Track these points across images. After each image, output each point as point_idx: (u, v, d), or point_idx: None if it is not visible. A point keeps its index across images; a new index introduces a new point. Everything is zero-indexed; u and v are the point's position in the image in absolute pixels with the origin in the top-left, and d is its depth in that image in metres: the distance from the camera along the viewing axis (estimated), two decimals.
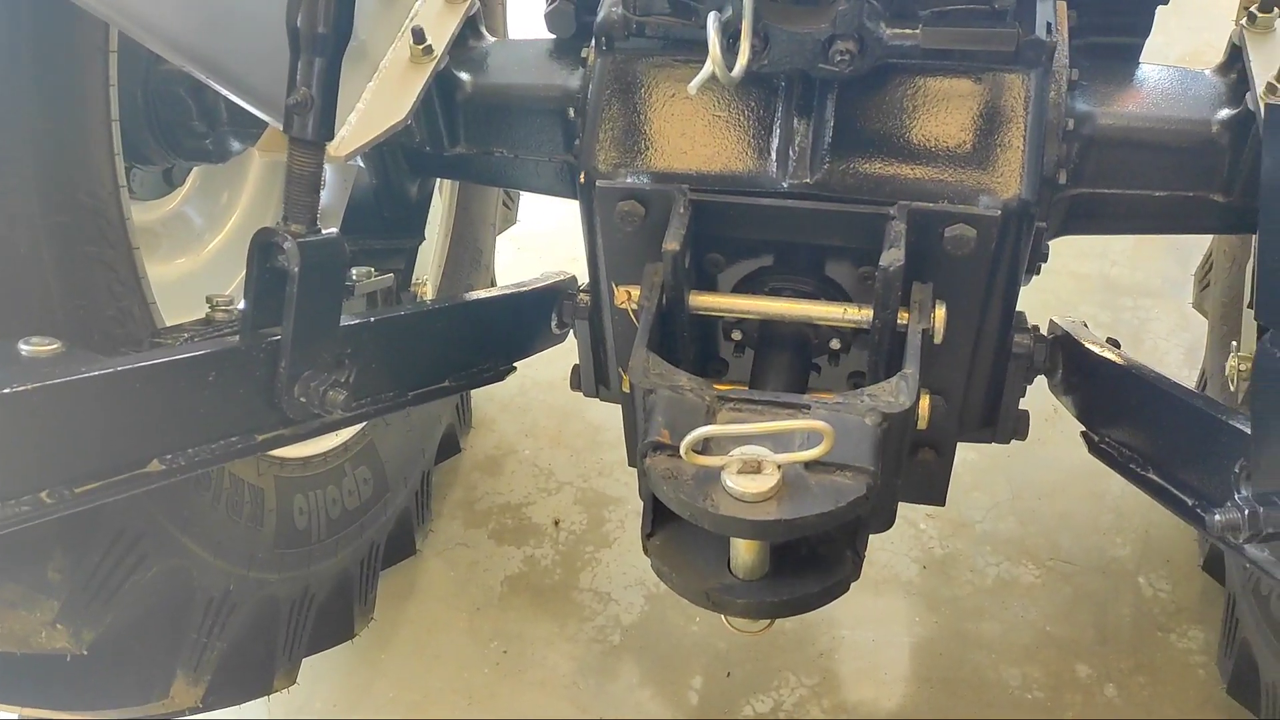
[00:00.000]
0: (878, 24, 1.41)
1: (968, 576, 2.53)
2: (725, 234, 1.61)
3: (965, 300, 1.57)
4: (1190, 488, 1.39)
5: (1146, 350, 2.98)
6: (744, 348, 1.73)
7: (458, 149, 1.94)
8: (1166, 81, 1.76)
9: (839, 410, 1.38)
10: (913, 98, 1.55)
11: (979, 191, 1.51)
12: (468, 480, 2.86)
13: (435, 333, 1.74)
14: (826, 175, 1.55)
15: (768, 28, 1.41)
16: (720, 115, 1.61)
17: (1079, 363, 1.74)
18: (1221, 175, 1.69)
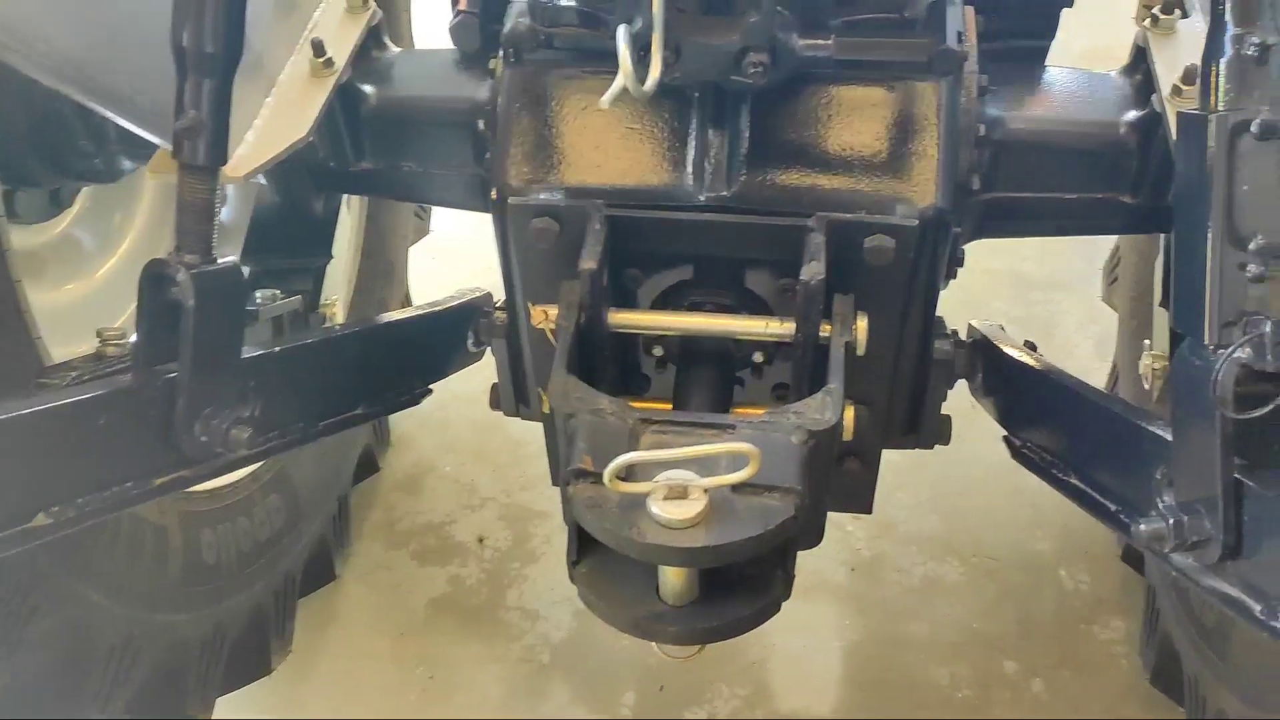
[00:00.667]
0: (790, 35, 1.38)
1: (895, 577, 2.54)
2: (643, 249, 1.58)
3: (886, 310, 1.56)
4: (1112, 493, 1.40)
5: (1058, 343, 3.03)
6: (666, 363, 1.70)
7: (364, 164, 1.87)
8: (1074, 84, 1.77)
9: (764, 429, 1.35)
10: (827, 107, 1.54)
11: (896, 201, 1.50)
12: (388, 500, 2.78)
13: (346, 358, 1.67)
14: (743, 187, 1.52)
15: (679, 40, 1.38)
16: (634, 128, 1.57)
17: (998, 367, 1.75)
18: (1130, 176, 1.71)
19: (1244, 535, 1.15)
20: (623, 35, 1.32)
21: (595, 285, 1.47)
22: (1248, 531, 1.15)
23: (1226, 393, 1.11)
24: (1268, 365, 1.09)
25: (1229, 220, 1.10)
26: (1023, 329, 3.10)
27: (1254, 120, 1.07)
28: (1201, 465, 1.18)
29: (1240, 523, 1.15)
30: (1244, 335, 1.11)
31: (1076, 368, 2.96)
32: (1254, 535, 1.14)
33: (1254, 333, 1.09)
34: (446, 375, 1.94)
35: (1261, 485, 1.13)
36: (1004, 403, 1.73)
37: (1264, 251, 1.09)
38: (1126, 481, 1.37)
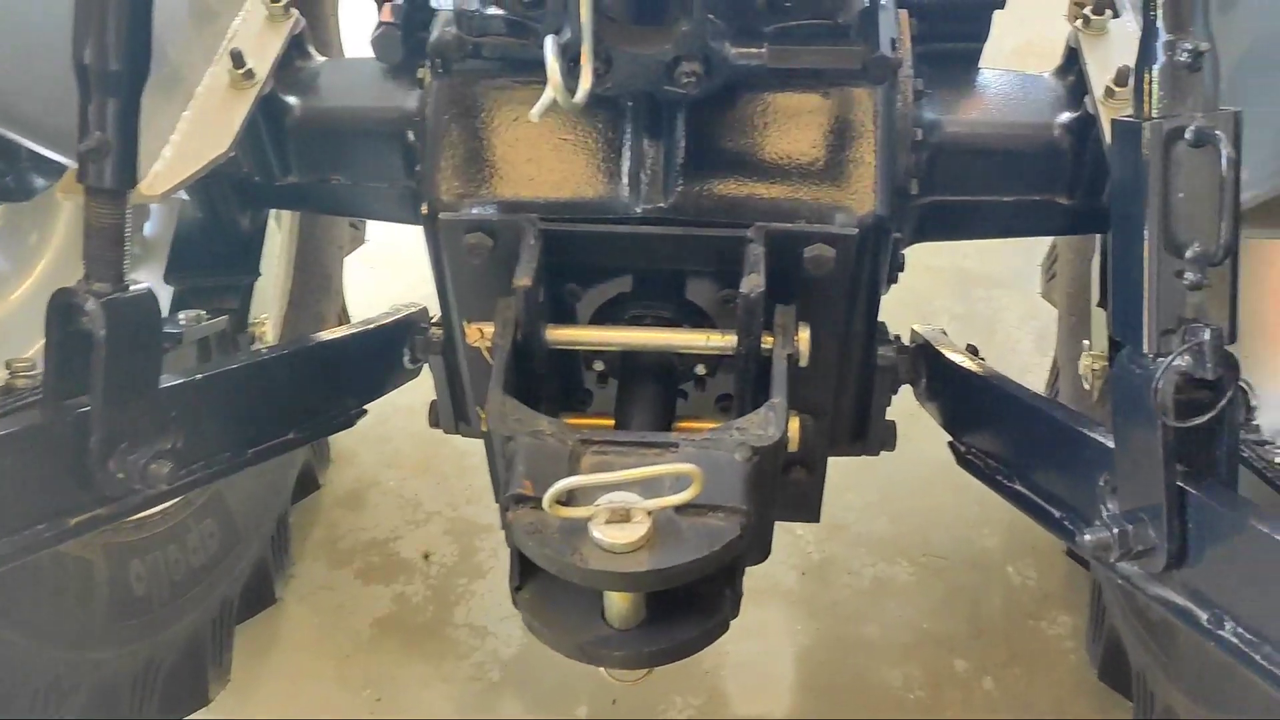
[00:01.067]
0: (722, 43, 1.35)
1: (845, 580, 2.53)
2: (580, 263, 1.54)
3: (828, 319, 1.54)
4: (1057, 500, 1.39)
5: (999, 340, 3.05)
6: (608, 378, 1.67)
7: (290, 178, 1.81)
8: (1008, 86, 1.77)
9: (708, 447, 1.33)
10: (763, 115, 1.51)
11: (835, 209, 1.48)
12: (329, 518, 2.71)
13: (275, 382, 1.61)
14: (680, 198, 1.49)
15: (609, 50, 1.34)
16: (567, 139, 1.53)
17: (940, 371, 1.74)
18: (1065, 178, 1.71)
19: (1188, 543, 1.15)
20: (550, 46, 1.28)
21: (531, 302, 1.44)
22: (1192, 539, 1.14)
23: (1167, 401, 1.11)
24: (1207, 373, 1.09)
25: (1165, 228, 1.09)
26: (965, 326, 3.14)
27: (1188, 127, 1.07)
28: (1144, 473, 1.17)
29: (1185, 531, 1.14)
30: (1183, 343, 1.10)
31: (1018, 364, 3.03)
32: (1198, 543, 1.14)
33: (1193, 341, 1.09)
34: (382, 394, 1.89)
35: (1204, 493, 1.13)
36: (947, 408, 1.72)
37: (1200, 259, 1.08)
38: (1070, 488, 1.36)
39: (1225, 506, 1.10)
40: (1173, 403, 1.10)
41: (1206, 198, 1.07)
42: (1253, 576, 1.08)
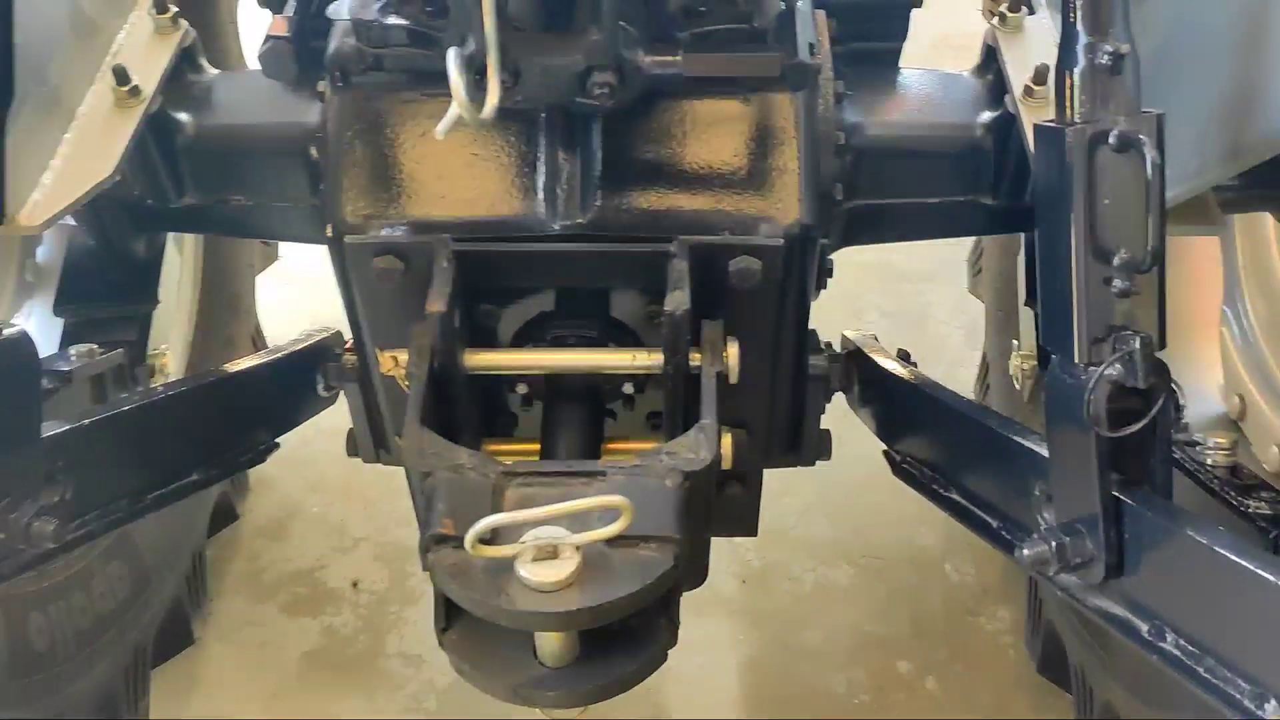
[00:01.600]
0: (636, 52, 1.30)
1: (786, 586, 2.50)
2: (497, 283, 1.48)
3: (758, 332, 1.50)
4: (993, 509, 1.37)
5: (930, 334, 3.05)
6: (532, 400, 1.60)
7: (187, 200, 1.71)
8: (929, 86, 1.75)
9: (637, 475, 1.28)
10: (682, 124, 1.46)
11: (759, 219, 1.43)
12: (250, 549, 2.60)
13: (177, 420, 1.52)
14: (600, 213, 1.44)
15: (517, 61, 1.28)
16: (478, 154, 1.47)
17: (872, 378, 1.71)
18: (989, 178, 1.69)
19: (1125, 554, 1.13)
20: (454, 59, 1.22)
21: (446, 328, 1.37)
22: (1129, 550, 1.12)
23: (1100, 412, 1.08)
24: (1139, 382, 1.06)
25: (1091, 235, 1.07)
26: (894, 322, 3.13)
27: (1111, 132, 1.04)
28: (1079, 483, 1.15)
29: (1121, 542, 1.12)
30: (1114, 352, 1.08)
31: (949, 358, 3.03)
32: (1135, 553, 1.12)
33: (1123, 350, 1.06)
34: (296, 425, 1.80)
35: (1139, 503, 1.11)
36: (880, 416, 1.69)
37: (1128, 265, 1.06)
38: (1006, 498, 1.34)
39: (1161, 516, 1.08)
40: (1106, 413, 1.08)
41: (1132, 203, 1.05)
42: (1190, 587, 1.06)
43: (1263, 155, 1.15)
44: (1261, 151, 1.14)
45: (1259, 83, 1.12)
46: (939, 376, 2.91)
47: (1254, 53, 1.11)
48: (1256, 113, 1.12)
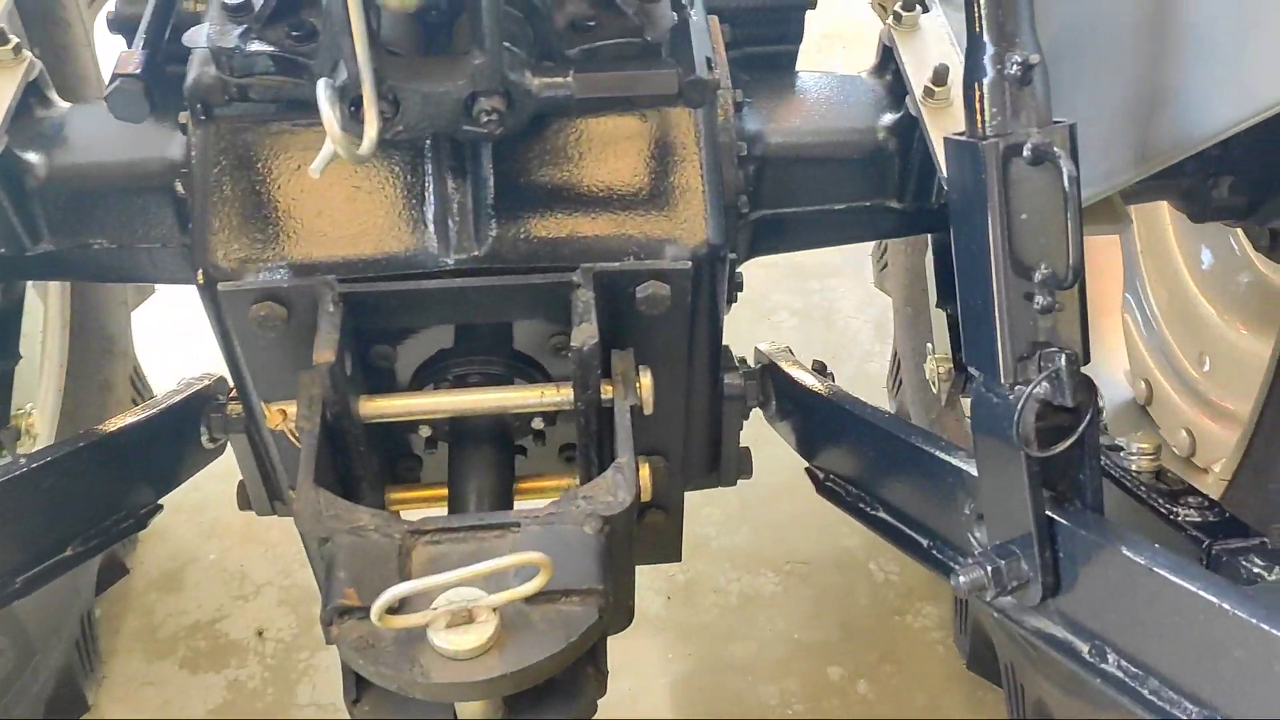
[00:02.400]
0: (524, 74, 1.22)
1: (713, 599, 2.45)
2: (391, 324, 1.38)
3: (670, 358, 1.43)
4: (923, 528, 1.33)
5: (839, 330, 3.03)
6: (437, 441, 1.51)
7: (43, 246, 1.56)
8: (828, 90, 1.70)
9: (553, 522, 1.20)
10: (577, 145, 1.38)
11: (665, 242, 1.37)
12: (143, 603, 2.45)
13: (45, 492, 1.38)
14: (496, 244, 1.35)
15: (395, 89, 1.18)
16: (360, 186, 1.37)
17: (788, 393, 1.66)
18: (894, 181, 1.66)
19: (1061, 574, 1.09)
20: (324, 91, 1.12)
21: (337, 377, 1.27)
22: (1065, 569, 1.09)
23: (1029, 432, 1.05)
24: (1067, 400, 1.03)
25: (1011, 251, 1.03)
26: (802, 320, 3.11)
27: (1025, 144, 1.00)
28: (1010, 503, 1.11)
29: (1057, 561, 1.09)
30: (1039, 371, 1.04)
31: (859, 353, 3.02)
32: (1071, 573, 1.09)
33: (1050, 368, 1.03)
34: (181, 482, 1.68)
35: (1073, 521, 1.08)
36: (799, 431, 1.65)
37: (1050, 281, 1.02)
38: (935, 516, 1.30)
39: (1095, 534, 1.05)
40: (1035, 433, 1.04)
41: (1050, 217, 1.01)
42: (1129, 606, 1.03)
43: (1173, 158, 1.13)
44: (1171, 154, 1.12)
45: (1165, 85, 1.09)
46: (850, 373, 2.94)
47: (1158, 55, 1.09)
48: (1165, 116, 1.10)
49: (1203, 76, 1.03)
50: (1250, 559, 1.03)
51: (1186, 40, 1.04)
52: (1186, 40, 1.04)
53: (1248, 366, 1.78)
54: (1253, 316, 1.75)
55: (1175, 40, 1.06)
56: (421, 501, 1.50)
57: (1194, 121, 1.05)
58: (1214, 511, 1.13)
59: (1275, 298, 1.71)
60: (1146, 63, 1.11)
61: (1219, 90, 1.01)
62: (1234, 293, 1.79)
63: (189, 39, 1.30)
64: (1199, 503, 1.14)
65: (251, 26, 1.25)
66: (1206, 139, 1.04)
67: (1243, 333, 1.77)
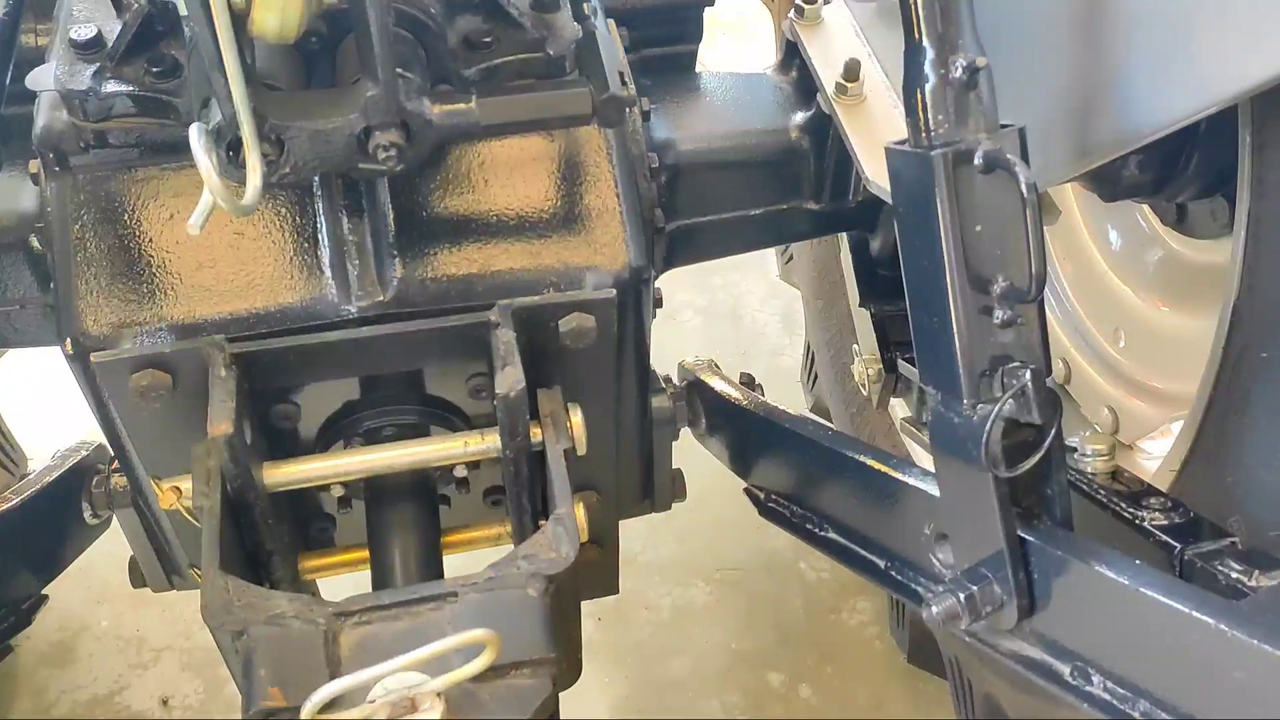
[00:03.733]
0: (421, 102, 1.10)
1: (644, 616, 2.38)
2: (293, 382, 1.26)
3: (599, 390, 1.35)
4: (879, 548, 1.27)
5: (746, 325, 2.98)
6: (351, 500, 1.39)
7: None
8: (735, 90, 1.64)
9: (494, 588, 1.10)
10: (482, 170, 1.28)
11: (585, 269, 1.28)
12: (34, 682, 2.24)
13: None
14: (402, 286, 1.24)
15: (279, 128, 1.06)
16: (244, 233, 1.24)
17: (717, 409, 1.59)
18: (810, 182, 1.60)
19: (1035, 594, 1.05)
20: (198, 137, 0.99)
21: (236, 448, 1.14)
22: (1039, 589, 1.05)
23: (997, 452, 1.00)
24: (1034, 418, 0.98)
25: (966, 265, 0.97)
26: (708, 318, 3.05)
27: (975, 152, 0.94)
28: (978, 524, 1.06)
29: (1031, 582, 1.05)
30: (1003, 388, 0.99)
31: (769, 348, 2.98)
32: (1046, 592, 1.04)
33: (1015, 385, 0.98)
34: (66, 566, 1.51)
35: (1044, 539, 1.03)
36: (733, 450, 1.58)
37: (1009, 295, 0.97)
38: (891, 535, 1.25)
39: (1068, 551, 1.01)
40: (1003, 453, 0.99)
41: (1007, 227, 0.96)
42: (1109, 624, 0.99)
43: (1115, 153, 1.09)
44: (1113, 149, 1.08)
45: (1102, 78, 1.05)
46: (761, 369, 2.89)
47: (1093, 46, 1.05)
48: (1104, 109, 1.06)
49: (1146, 69, 0.99)
50: (1226, 563, 1.00)
51: (1125, 31, 1.00)
52: (1125, 31, 1.00)
53: (1166, 341, 1.79)
54: (1170, 292, 1.75)
55: (1111, 31, 1.02)
56: (341, 567, 1.38)
57: (1138, 116, 1.01)
58: (1178, 512, 1.10)
59: (1189, 272, 1.71)
60: (1081, 54, 1.07)
61: (1165, 83, 0.97)
62: (1147, 269, 1.78)
63: (34, 81, 1.15)
64: (1162, 503, 1.12)
65: (105, 64, 1.11)
66: (1152, 133, 1.00)
67: (1161, 309, 1.77)
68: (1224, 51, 0.90)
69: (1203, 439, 1.22)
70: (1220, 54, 0.91)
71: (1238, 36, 0.89)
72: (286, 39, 0.98)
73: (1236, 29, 0.89)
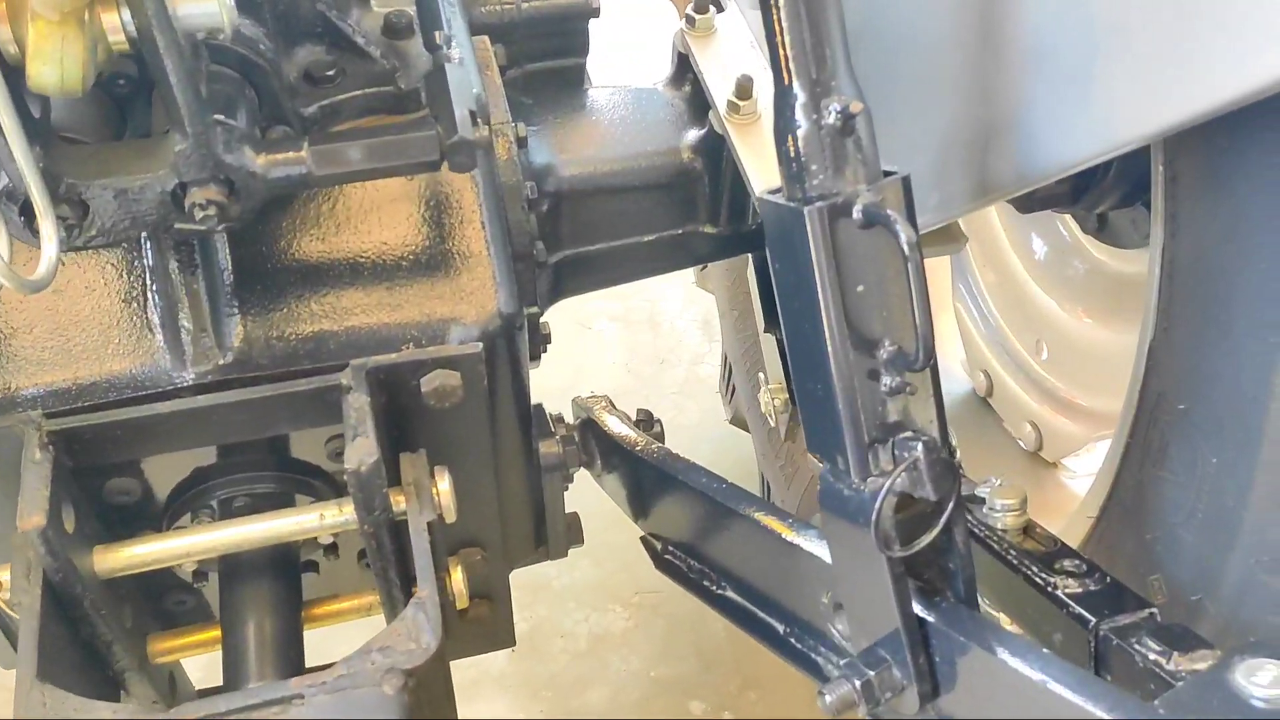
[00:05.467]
0: (242, 152, 0.97)
1: (560, 644, 2.29)
2: (124, 458, 1.13)
3: (472, 448, 1.23)
4: (779, 611, 1.19)
5: (665, 333, 2.89)
6: (207, 573, 1.27)
7: None
8: (622, 108, 1.52)
9: (344, 687, 0.99)
10: (332, 214, 1.16)
11: (449, 322, 1.16)
12: None
13: None
14: (244, 348, 1.12)
15: (79, 188, 0.93)
16: (63, 291, 1.10)
17: (612, 451, 1.49)
18: (706, 205, 1.51)
19: (939, 677, 0.97)
20: None
21: (55, 540, 1.01)
22: (943, 672, 0.97)
23: (889, 530, 0.91)
24: (929, 494, 0.89)
25: (849, 328, 0.87)
26: (625, 327, 2.95)
27: (854, 205, 0.85)
28: (873, 601, 0.98)
29: (933, 664, 0.96)
30: (894, 462, 0.90)
31: (688, 356, 2.89)
32: (950, 675, 0.96)
33: (907, 458, 0.89)
34: None
35: (945, 620, 0.95)
36: (629, 494, 1.49)
37: (898, 359, 0.88)
38: (791, 600, 1.16)
39: (973, 638, 0.93)
40: (896, 531, 0.90)
41: (891, 287, 0.87)
42: (1017, 714, 0.91)
43: (1017, 190, 1.00)
44: (1016, 186, 0.99)
45: (1002, 112, 0.97)
46: (681, 376, 2.81)
47: (992, 79, 0.96)
48: (1005, 144, 0.97)
49: (1049, 106, 0.90)
50: (1143, 641, 0.92)
51: (1026, 65, 0.91)
52: (1026, 65, 0.91)
53: (1089, 355, 1.73)
54: (1093, 304, 1.69)
55: (1011, 64, 0.93)
56: (196, 648, 1.25)
57: (1042, 153, 0.92)
58: (1094, 578, 1.02)
59: (1111, 282, 1.65)
60: (979, 87, 0.98)
61: (1072, 122, 0.88)
62: (1071, 280, 1.72)
63: None
64: (1076, 567, 1.04)
65: None
66: (1057, 172, 0.92)
67: (1085, 320, 1.70)
68: (1135, 92, 0.82)
69: (1120, 487, 1.15)
70: (1131, 95, 0.83)
71: (1150, 77, 0.80)
72: (72, 93, 0.85)
73: (1148, 69, 0.80)
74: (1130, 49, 0.81)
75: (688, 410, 2.71)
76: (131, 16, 0.84)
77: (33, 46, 0.80)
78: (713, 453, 2.60)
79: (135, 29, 0.85)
